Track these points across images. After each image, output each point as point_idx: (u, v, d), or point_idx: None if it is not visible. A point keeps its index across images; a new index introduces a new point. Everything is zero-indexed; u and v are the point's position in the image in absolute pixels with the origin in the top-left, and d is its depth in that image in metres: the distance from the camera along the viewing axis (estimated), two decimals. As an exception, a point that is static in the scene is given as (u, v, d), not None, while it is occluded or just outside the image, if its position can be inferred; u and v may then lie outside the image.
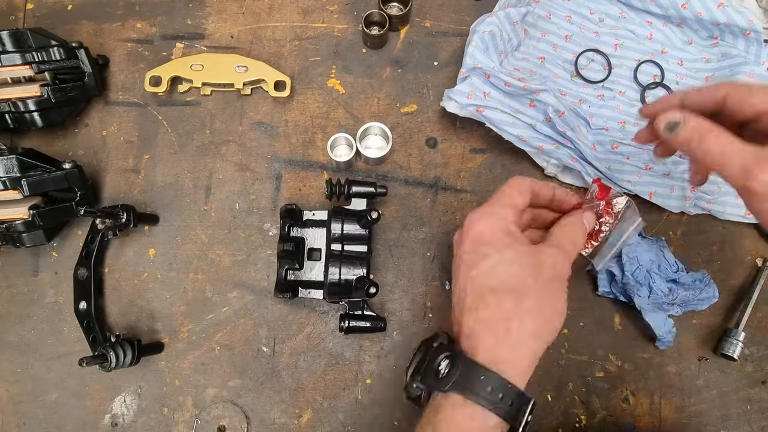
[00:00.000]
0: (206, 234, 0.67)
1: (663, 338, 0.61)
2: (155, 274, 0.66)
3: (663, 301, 0.61)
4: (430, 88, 0.70)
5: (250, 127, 0.69)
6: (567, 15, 0.70)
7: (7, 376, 0.65)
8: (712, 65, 0.70)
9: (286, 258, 0.60)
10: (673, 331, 0.61)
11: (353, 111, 0.70)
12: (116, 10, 0.72)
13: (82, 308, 0.63)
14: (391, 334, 0.65)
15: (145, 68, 0.70)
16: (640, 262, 0.62)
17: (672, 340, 0.61)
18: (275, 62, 0.70)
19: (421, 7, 0.72)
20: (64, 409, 0.64)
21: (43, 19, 0.72)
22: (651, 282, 0.61)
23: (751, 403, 0.63)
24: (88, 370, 0.63)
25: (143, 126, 0.69)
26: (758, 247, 0.67)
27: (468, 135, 0.69)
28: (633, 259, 0.62)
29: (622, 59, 0.70)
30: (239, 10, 0.72)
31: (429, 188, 0.68)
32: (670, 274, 0.62)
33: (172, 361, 0.64)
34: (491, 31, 0.64)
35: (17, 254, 0.67)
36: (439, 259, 0.66)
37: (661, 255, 0.63)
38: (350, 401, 0.63)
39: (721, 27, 0.67)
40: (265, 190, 0.68)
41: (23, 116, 0.63)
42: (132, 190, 0.68)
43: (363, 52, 0.71)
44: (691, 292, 0.61)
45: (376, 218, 0.58)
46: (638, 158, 0.66)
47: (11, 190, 0.59)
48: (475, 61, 0.64)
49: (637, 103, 0.69)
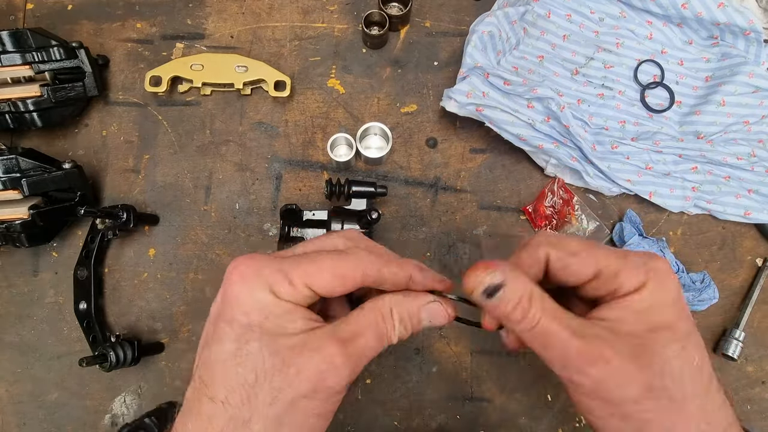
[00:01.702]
0: (206, 234, 0.67)
1: None
2: (155, 274, 0.66)
3: None
4: (430, 88, 0.70)
5: (250, 127, 0.69)
6: (567, 14, 0.70)
7: (7, 376, 0.65)
8: (712, 65, 0.70)
9: (286, 258, 0.60)
10: None
11: (353, 111, 0.70)
12: (116, 10, 0.72)
13: (82, 308, 0.63)
14: (391, 334, 0.65)
15: (145, 68, 0.70)
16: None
17: None
18: (275, 62, 0.70)
19: (421, 7, 0.72)
20: (64, 409, 0.64)
21: (43, 19, 0.72)
22: None
23: (751, 403, 0.63)
24: (88, 370, 0.63)
25: (143, 126, 0.69)
26: (758, 247, 0.67)
27: (468, 135, 0.69)
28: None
29: (623, 58, 0.70)
30: (239, 10, 0.72)
31: (429, 188, 0.68)
32: None
33: (172, 361, 0.64)
34: (490, 32, 0.64)
35: (17, 254, 0.67)
36: (438, 259, 0.66)
37: (661, 255, 0.63)
38: (350, 401, 0.63)
39: (721, 27, 0.67)
40: (265, 190, 0.68)
41: (23, 116, 0.63)
42: (132, 190, 0.68)
43: (363, 52, 0.71)
44: (692, 292, 0.61)
45: (376, 218, 0.58)
46: (638, 158, 0.66)
47: (11, 190, 0.59)
48: (475, 60, 0.64)
49: (636, 103, 0.69)
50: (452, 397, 0.63)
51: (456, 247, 0.66)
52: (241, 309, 0.32)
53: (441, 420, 0.63)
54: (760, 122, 0.67)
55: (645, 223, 0.66)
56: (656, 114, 0.69)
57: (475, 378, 0.64)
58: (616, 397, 0.31)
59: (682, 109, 0.69)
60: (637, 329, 0.31)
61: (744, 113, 0.67)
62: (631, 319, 0.32)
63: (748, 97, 0.67)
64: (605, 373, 0.31)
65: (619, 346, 0.31)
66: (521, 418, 0.63)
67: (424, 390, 0.64)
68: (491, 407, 0.63)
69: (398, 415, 0.63)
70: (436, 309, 0.35)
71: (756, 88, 0.67)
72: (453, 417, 0.63)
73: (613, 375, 0.31)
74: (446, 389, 0.64)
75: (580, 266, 0.33)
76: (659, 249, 0.63)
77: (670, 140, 0.67)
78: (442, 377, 0.64)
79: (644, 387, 0.30)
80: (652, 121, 0.69)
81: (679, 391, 0.30)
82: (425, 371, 0.64)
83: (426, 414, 0.63)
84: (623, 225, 0.65)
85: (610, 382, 0.31)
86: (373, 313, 0.34)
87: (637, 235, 0.63)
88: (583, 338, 0.31)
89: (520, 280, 0.33)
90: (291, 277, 0.32)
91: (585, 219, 0.66)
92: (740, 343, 0.62)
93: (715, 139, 0.67)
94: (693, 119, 0.68)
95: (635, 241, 0.62)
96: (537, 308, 0.32)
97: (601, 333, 0.32)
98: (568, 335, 0.31)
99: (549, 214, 0.65)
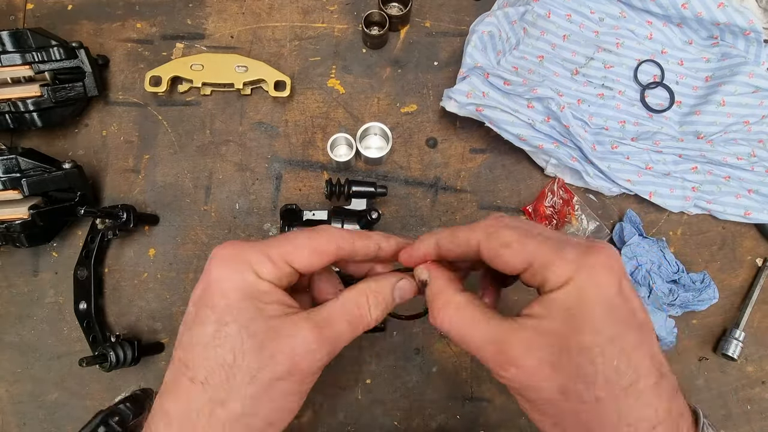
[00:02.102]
0: (206, 234, 0.67)
1: (664, 339, 0.61)
2: (155, 274, 0.66)
3: (663, 301, 0.61)
4: (430, 88, 0.70)
5: (250, 127, 0.69)
6: (567, 14, 0.70)
7: (7, 376, 0.65)
8: (712, 65, 0.70)
9: (286, 258, 0.60)
10: (675, 331, 0.61)
11: (353, 111, 0.70)
12: (116, 10, 0.72)
13: (82, 308, 0.63)
14: (391, 334, 0.65)
15: (145, 68, 0.70)
16: (639, 262, 0.62)
17: (674, 340, 0.61)
18: (275, 62, 0.70)
19: (421, 7, 0.72)
20: (64, 409, 0.64)
21: (43, 19, 0.72)
22: (651, 282, 0.61)
23: (751, 403, 0.63)
24: (88, 370, 0.63)
25: (143, 126, 0.69)
26: (758, 247, 0.67)
27: (468, 135, 0.69)
28: (632, 260, 0.62)
29: (623, 58, 0.70)
30: (239, 10, 0.72)
31: (429, 188, 0.68)
32: (671, 274, 0.62)
33: (172, 361, 0.64)
34: (490, 32, 0.64)
35: (17, 254, 0.67)
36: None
37: (661, 255, 0.63)
38: (350, 401, 0.63)
39: (721, 27, 0.67)
40: (265, 190, 0.68)
41: (23, 116, 0.63)
42: (132, 190, 0.68)
43: (363, 52, 0.71)
44: (692, 293, 0.62)
45: (376, 218, 0.58)
46: (638, 158, 0.66)
47: (11, 190, 0.59)
48: (475, 60, 0.64)
49: (636, 103, 0.69)
50: (452, 397, 0.64)
51: (456, 247, 0.66)
52: (222, 291, 0.33)
53: (441, 420, 0.63)
54: (760, 122, 0.67)
55: (645, 223, 0.66)
56: (656, 114, 0.69)
57: (475, 378, 0.64)
58: (531, 396, 0.31)
59: (682, 109, 0.69)
60: (559, 328, 0.30)
61: (744, 113, 0.67)
62: (555, 316, 0.31)
63: (748, 97, 0.67)
64: (518, 376, 0.31)
65: (537, 347, 0.31)
66: (521, 418, 0.63)
67: (424, 390, 0.64)
68: (491, 407, 0.63)
69: (398, 415, 0.63)
70: (404, 286, 0.37)
71: (756, 88, 0.67)
72: (453, 417, 0.63)
73: (526, 378, 0.31)
74: (446, 389, 0.64)
75: (510, 257, 0.33)
76: (659, 249, 0.63)
77: (670, 140, 0.67)
78: (442, 377, 0.64)
79: (558, 389, 0.30)
80: (652, 121, 0.69)
81: (590, 394, 0.29)
82: (425, 371, 0.64)
83: (426, 414, 0.63)
84: (623, 225, 0.65)
85: (524, 384, 0.31)
86: (348, 299, 0.36)
87: (637, 235, 0.63)
88: (497, 343, 0.32)
89: (439, 282, 0.36)
90: (271, 255, 0.34)
91: (585, 219, 0.66)
92: (740, 343, 0.62)
93: (715, 139, 0.67)
94: (693, 119, 0.68)
95: (635, 241, 0.63)
96: (451, 310, 0.34)
97: (521, 333, 0.31)
98: (481, 339, 0.32)
99: (549, 214, 0.65)
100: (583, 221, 0.66)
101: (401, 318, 0.43)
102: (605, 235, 0.66)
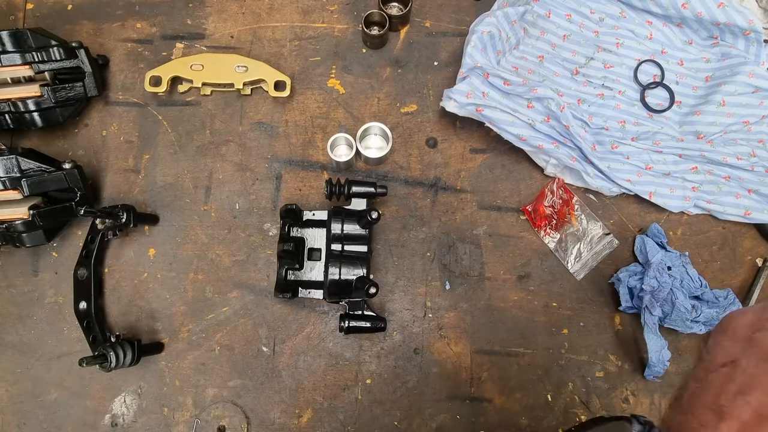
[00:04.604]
0: (206, 234, 0.67)
1: (654, 366, 0.60)
2: (155, 274, 0.66)
3: (686, 317, 0.60)
4: (430, 88, 0.70)
5: (250, 127, 0.69)
6: (567, 14, 0.70)
7: (7, 376, 0.65)
8: (712, 65, 0.69)
9: (286, 258, 0.60)
10: (667, 364, 0.60)
11: (353, 111, 0.70)
12: (116, 10, 0.72)
13: (82, 308, 0.63)
14: (391, 334, 0.65)
15: (145, 68, 0.70)
16: (660, 282, 0.61)
17: (661, 372, 0.61)
18: (275, 62, 0.70)
19: (421, 7, 0.72)
20: (64, 409, 0.64)
21: (43, 19, 0.72)
22: (674, 298, 0.60)
23: (751, 403, 0.63)
24: (88, 370, 0.63)
25: (143, 126, 0.69)
26: (758, 247, 0.67)
27: (468, 135, 0.69)
28: (653, 279, 0.61)
29: (623, 58, 0.70)
30: (239, 10, 0.72)
31: (429, 188, 0.68)
32: (693, 290, 0.61)
33: (172, 361, 0.64)
34: (490, 32, 0.64)
35: (17, 254, 0.67)
36: (438, 259, 0.66)
37: (684, 271, 0.62)
38: (350, 401, 0.63)
39: (721, 27, 0.67)
40: (265, 190, 0.68)
41: (23, 116, 0.63)
42: (132, 190, 0.68)
43: (363, 52, 0.71)
44: (716, 309, 0.60)
45: (376, 218, 0.58)
46: (638, 158, 0.66)
47: (11, 190, 0.59)
48: (474, 60, 0.64)
49: (637, 103, 0.69)
50: (452, 397, 0.63)
51: (456, 247, 0.66)
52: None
53: (441, 420, 0.63)
54: (760, 122, 0.67)
55: (645, 223, 0.66)
56: (656, 114, 0.69)
57: (475, 378, 0.64)
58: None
59: (682, 109, 0.69)
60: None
61: (744, 113, 0.67)
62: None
63: (748, 97, 0.67)
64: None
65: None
66: (521, 418, 0.63)
67: (424, 390, 0.64)
68: (491, 407, 0.63)
69: (398, 415, 0.63)
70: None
71: (756, 88, 0.67)
72: (453, 417, 0.63)
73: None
74: (446, 389, 0.64)
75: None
76: (682, 264, 0.62)
77: (670, 140, 0.67)
78: (442, 377, 0.64)
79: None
80: (652, 121, 0.69)
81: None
82: (425, 371, 0.64)
83: (426, 414, 0.63)
84: (644, 239, 0.64)
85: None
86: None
87: (660, 252, 0.62)
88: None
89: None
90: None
91: (585, 219, 0.66)
92: (740, 343, 0.62)
93: (715, 139, 0.67)
94: (693, 119, 0.68)
95: (658, 259, 0.61)
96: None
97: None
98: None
99: (549, 214, 0.65)
100: (582, 221, 0.66)
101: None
102: (609, 244, 0.65)
